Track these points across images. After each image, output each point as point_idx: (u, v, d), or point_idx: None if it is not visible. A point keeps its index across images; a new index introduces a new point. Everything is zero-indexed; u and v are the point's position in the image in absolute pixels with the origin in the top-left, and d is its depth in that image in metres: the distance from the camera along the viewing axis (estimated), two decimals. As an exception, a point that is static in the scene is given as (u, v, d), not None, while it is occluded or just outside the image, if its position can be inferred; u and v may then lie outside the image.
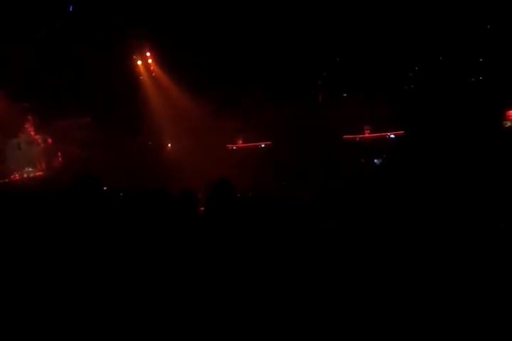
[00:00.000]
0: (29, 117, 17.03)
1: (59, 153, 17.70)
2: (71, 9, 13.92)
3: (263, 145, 17.86)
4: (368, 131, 17.26)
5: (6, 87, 14.48)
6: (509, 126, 15.52)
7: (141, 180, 13.96)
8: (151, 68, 17.08)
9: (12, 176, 16.67)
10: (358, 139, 17.34)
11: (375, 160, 16.95)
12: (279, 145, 17.12)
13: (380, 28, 14.82)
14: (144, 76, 17.19)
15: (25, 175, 16.95)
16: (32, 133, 17.32)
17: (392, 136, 16.95)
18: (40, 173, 17.33)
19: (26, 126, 17.13)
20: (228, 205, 5.36)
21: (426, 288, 3.86)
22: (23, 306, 3.91)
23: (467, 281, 3.96)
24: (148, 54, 16.91)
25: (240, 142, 18.11)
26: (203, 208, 5.52)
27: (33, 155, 17.36)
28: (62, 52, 14.71)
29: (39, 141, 17.46)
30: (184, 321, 3.77)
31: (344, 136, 17.19)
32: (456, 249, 4.57)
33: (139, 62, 17.03)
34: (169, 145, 18.55)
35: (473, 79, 15.77)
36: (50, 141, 17.60)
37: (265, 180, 13.96)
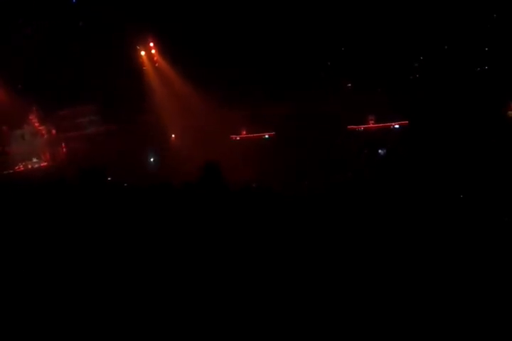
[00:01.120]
0: (33, 108, 17.06)
1: (63, 144, 17.75)
2: (74, 1, 13.86)
3: (267, 136, 17.81)
4: (372, 122, 17.20)
5: (10, 79, 14.49)
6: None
7: (144, 172, 13.98)
8: (155, 59, 17.01)
9: (16, 167, 16.74)
10: (362, 129, 17.28)
11: (379, 150, 16.89)
12: (282, 135, 17.07)
13: (385, 19, 14.71)
14: (147, 66, 17.12)
15: (29, 166, 17.02)
16: (36, 124, 17.37)
17: (397, 126, 16.88)
18: (45, 164, 17.40)
19: (30, 117, 17.17)
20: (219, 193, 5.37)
21: (429, 281, 3.86)
22: (27, 290, 3.94)
23: (469, 271, 3.96)
24: (151, 44, 16.84)
25: (244, 133, 18.07)
26: None
27: (37, 146, 17.43)
28: (65, 44, 14.68)
29: (43, 131, 17.52)
30: (185, 307, 3.79)
31: (349, 126, 17.13)
32: (459, 240, 4.56)
33: (143, 53, 16.97)
34: (173, 136, 18.52)
35: (478, 69, 15.66)
36: (54, 131, 17.66)
37: (269, 171, 13.94)
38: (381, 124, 17.08)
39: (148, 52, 16.93)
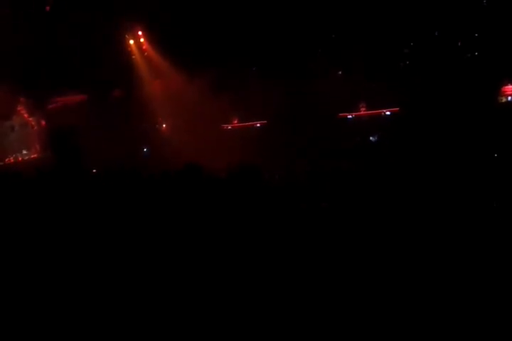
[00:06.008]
0: (22, 99, 16.86)
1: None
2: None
3: (258, 125, 17.80)
4: (364, 109, 17.19)
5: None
6: (504, 102, 15.48)
7: (136, 162, 13.91)
8: (144, 47, 16.85)
9: (7, 159, 16.58)
10: (353, 116, 17.27)
11: (371, 138, 16.91)
12: (273, 124, 17.04)
13: (375, 5, 14.64)
14: (136, 55, 16.97)
15: (19, 158, 16.86)
16: (25, 115, 17.19)
17: (388, 112, 16.87)
18: (35, 155, 17.24)
19: (19, 108, 16.98)
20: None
21: (423, 274, 3.84)
22: (23, 291, 3.90)
23: (463, 263, 3.95)
24: (140, 33, 16.67)
25: (235, 122, 18.03)
26: None
27: (27, 137, 17.26)
28: (53, 32, 14.50)
29: (33, 123, 17.35)
30: (183, 298, 3.77)
31: (340, 114, 17.11)
32: (452, 229, 4.56)
33: (131, 42, 16.80)
34: (164, 125, 18.45)
35: (468, 55, 15.64)
36: (43, 122, 17.48)
37: (259, 158, 13.93)
38: (372, 111, 17.07)
39: (137, 41, 16.77)
